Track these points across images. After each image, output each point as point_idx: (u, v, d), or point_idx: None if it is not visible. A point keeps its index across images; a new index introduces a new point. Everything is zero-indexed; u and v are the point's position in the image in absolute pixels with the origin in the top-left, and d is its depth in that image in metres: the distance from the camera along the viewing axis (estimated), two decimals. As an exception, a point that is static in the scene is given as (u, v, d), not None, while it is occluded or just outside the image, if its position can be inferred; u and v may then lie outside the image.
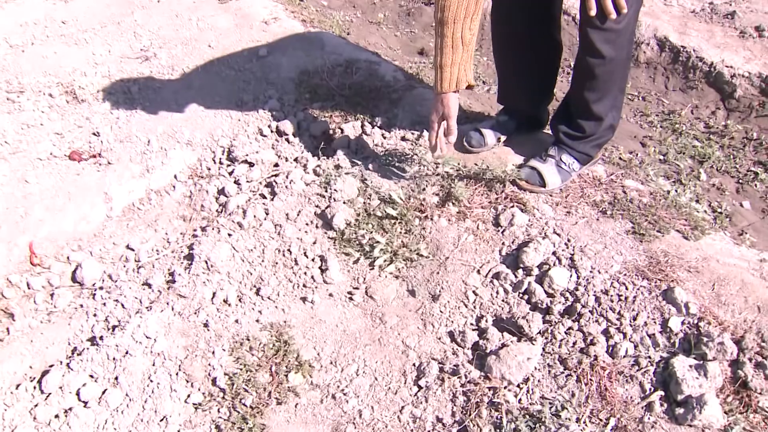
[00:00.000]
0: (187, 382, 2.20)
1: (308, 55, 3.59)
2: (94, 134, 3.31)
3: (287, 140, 3.10)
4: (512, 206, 2.60)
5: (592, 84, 2.51)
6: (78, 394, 2.14)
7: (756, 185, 3.00)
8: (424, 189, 2.68)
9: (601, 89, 2.53)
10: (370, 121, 3.08)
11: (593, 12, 2.20)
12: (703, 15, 3.74)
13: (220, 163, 3.08)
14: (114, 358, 2.22)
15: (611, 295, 2.26)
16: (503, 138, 2.92)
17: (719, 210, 2.86)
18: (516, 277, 2.39)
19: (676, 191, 2.86)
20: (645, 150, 3.16)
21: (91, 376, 2.19)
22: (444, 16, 2.21)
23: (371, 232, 2.55)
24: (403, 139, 2.95)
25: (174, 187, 3.03)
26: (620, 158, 3.02)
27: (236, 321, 2.38)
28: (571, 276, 2.34)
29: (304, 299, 2.44)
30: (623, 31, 2.37)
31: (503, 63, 2.85)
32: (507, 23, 2.67)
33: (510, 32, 2.69)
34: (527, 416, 2.02)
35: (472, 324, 2.32)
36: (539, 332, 2.23)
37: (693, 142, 3.22)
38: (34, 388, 2.17)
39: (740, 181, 3.04)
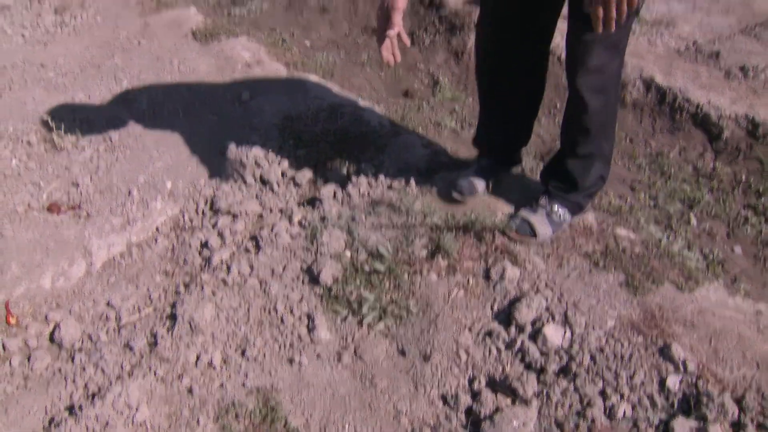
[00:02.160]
0: (171, 453, 2.12)
1: (292, 99, 3.54)
2: (73, 184, 3.23)
3: (271, 189, 3.04)
4: (503, 259, 2.55)
5: (582, 136, 2.49)
6: (56, 470, 2.05)
7: (747, 230, 2.97)
8: (412, 241, 2.62)
9: (592, 141, 2.50)
10: (356, 169, 3.03)
11: (600, 29, 2.07)
12: (688, 55, 3.73)
13: (203, 214, 3.01)
14: (94, 430, 2.13)
15: (606, 353, 2.20)
16: (491, 182, 2.88)
17: (711, 257, 2.82)
18: (509, 335, 2.33)
19: (668, 238, 2.82)
20: (634, 194, 3.13)
21: (70, 450, 2.10)
22: None
23: (359, 288, 2.49)
24: (389, 187, 2.89)
25: (156, 240, 2.95)
26: (610, 204, 2.98)
27: (221, 385, 2.30)
28: (565, 333, 2.28)
29: (291, 360, 2.36)
30: (611, 80, 2.36)
31: (486, 102, 2.81)
32: (496, 60, 2.62)
33: (498, 71, 2.64)
34: (524, 486, 1.96)
35: (464, 386, 2.25)
36: (534, 394, 2.17)
37: (682, 185, 3.18)
38: (10, 464, 2.07)
39: (731, 225, 3.00)
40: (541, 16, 2.45)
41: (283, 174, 3.10)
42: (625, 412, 2.08)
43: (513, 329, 2.34)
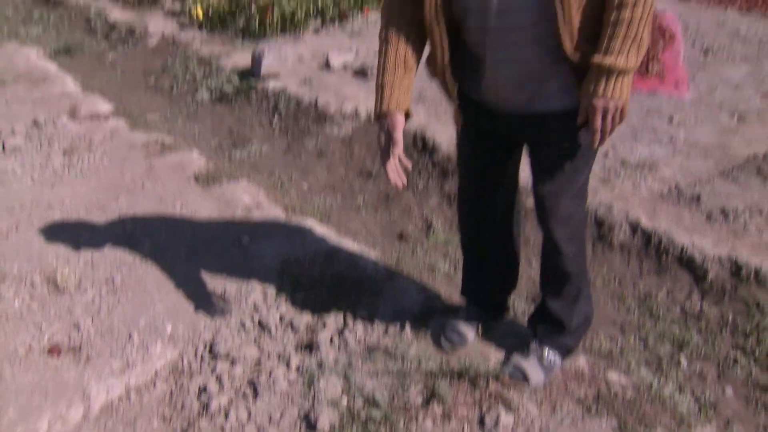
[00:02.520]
0: None
1: (290, 243, 3.68)
2: (74, 327, 3.29)
3: (269, 334, 3.10)
4: (497, 405, 2.59)
5: (561, 280, 2.64)
6: None
7: (737, 371, 3.03)
8: (407, 388, 2.67)
9: (571, 283, 2.65)
10: (353, 314, 3.11)
11: (597, 144, 2.20)
12: (671, 198, 3.89)
13: (202, 358, 3.06)
14: None
15: (602, 504, 2.22)
16: (480, 328, 2.96)
17: (703, 399, 2.86)
18: (504, 484, 2.35)
19: (659, 381, 2.87)
20: (624, 336, 3.20)
21: None
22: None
23: (356, 436, 2.52)
24: (385, 333, 2.97)
25: (155, 384, 2.98)
26: (601, 347, 3.05)
27: None
28: (560, 483, 2.30)
29: None
30: (581, 224, 2.58)
31: (468, 252, 2.96)
32: (470, 215, 2.82)
33: (473, 224, 2.82)
34: None
35: None
36: None
37: (671, 326, 3.26)
38: None
39: (721, 366, 3.06)
40: (503, 164, 2.64)
41: (281, 318, 3.18)
42: None
43: (508, 478, 2.36)
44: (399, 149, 2.32)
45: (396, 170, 2.34)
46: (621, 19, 2.02)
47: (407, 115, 2.34)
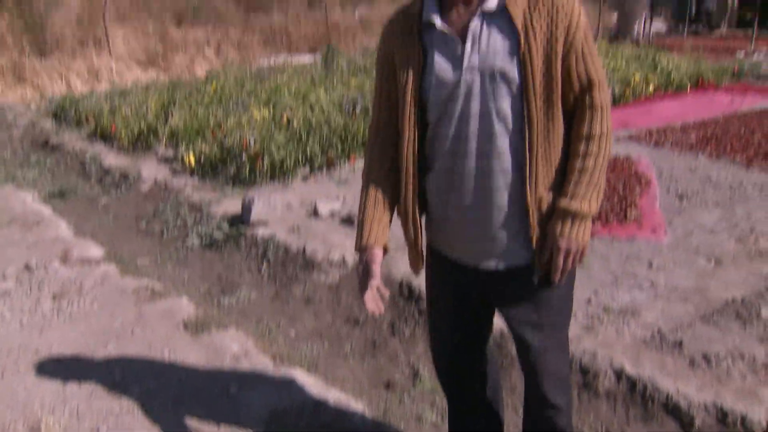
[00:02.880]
0: None
1: (278, 393, 3.70)
2: (57, 480, 3.26)
3: (256, 487, 3.09)
4: None
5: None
6: None
7: None
8: None
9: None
10: (340, 467, 3.12)
11: (557, 279, 2.30)
12: (654, 344, 3.97)
13: None
14: None
15: None
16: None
17: None
18: None
19: None
20: (612, 489, 3.21)
21: None
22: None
23: None
24: (372, 485, 2.97)
25: None
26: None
27: None
28: None
29: None
30: (569, 374, 2.63)
31: (450, 405, 3.00)
32: (447, 371, 2.86)
33: (452, 379, 2.87)
34: None
35: None
36: None
37: (660, 478, 3.27)
38: None
39: None
40: (476, 321, 2.70)
41: (268, 471, 3.18)
42: None
43: None
44: (376, 281, 2.41)
45: (374, 300, 2.41)
46: (585, 168, 2.22)
47: (385, 250, 2.46)
